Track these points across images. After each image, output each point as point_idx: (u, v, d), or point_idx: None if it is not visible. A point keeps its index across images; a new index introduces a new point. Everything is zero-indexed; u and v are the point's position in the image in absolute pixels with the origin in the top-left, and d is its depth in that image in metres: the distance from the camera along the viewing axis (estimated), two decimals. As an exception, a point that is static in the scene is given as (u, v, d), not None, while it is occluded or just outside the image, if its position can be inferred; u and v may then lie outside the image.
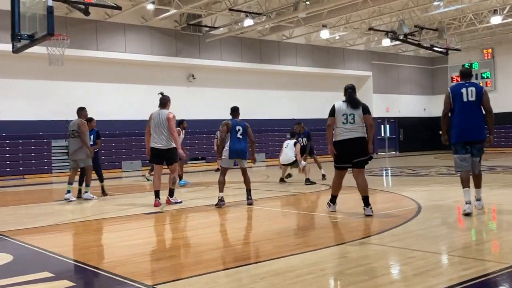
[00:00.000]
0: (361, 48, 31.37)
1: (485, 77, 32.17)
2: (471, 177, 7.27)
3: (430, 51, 27.74)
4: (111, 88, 22.72)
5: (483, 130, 7.31)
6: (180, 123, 13.33)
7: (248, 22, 23.14)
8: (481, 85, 7.67)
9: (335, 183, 7.71)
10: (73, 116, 11.25)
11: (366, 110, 7.49)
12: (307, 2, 21.11)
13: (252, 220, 7.65)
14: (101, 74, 22.79)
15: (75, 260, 5.28)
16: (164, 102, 9.56)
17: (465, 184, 7.12)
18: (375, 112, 31.98)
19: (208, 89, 25.95)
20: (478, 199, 7.44)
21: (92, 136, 11.55)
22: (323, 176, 13.53)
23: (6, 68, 20.33)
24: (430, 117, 33.24)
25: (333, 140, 7.49)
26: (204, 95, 25.70)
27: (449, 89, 7.41)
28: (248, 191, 9.14)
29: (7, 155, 20.13)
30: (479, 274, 4.17)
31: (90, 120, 11.49)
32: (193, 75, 25.42)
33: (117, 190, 13.10)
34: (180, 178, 13.40)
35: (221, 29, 24.70)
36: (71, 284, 4.34)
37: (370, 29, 25.28)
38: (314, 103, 29.63)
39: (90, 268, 4.92)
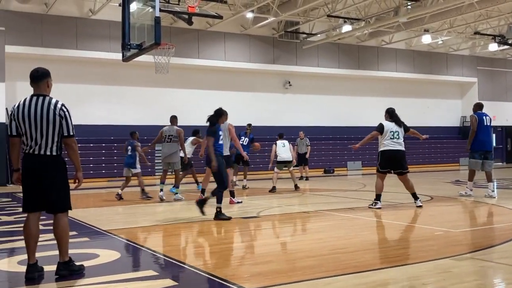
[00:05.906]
0: (466, 53, 29.91)
1: None
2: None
3: (543, 56, 25.85)
4: (210, 95, 23.39)
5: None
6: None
7: (347, 28, 22.90)
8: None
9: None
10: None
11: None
12: (409, 6, 20.51)
13: (349, 229, 7.52)
14: (201, 81, 23.61)
15: (177, 260, 5.48)
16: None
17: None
18: (480, 120, 30.30)
19: (304, 96, 25.96)
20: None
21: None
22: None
23: (116, 75, 21.77)
24: (542, 126, 30.90)
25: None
26: (300, 102, 25.72)
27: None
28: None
29: (115, 158, 21.34)
30: None
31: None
32: (289, 82, 25.57)
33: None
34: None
35: (319, 35, 24.64)
36: (174, 283, 4.51)
37: (476, 33, 24.07)
38: (414, 110, 28.68)
39: (192, 269, 5.09)
